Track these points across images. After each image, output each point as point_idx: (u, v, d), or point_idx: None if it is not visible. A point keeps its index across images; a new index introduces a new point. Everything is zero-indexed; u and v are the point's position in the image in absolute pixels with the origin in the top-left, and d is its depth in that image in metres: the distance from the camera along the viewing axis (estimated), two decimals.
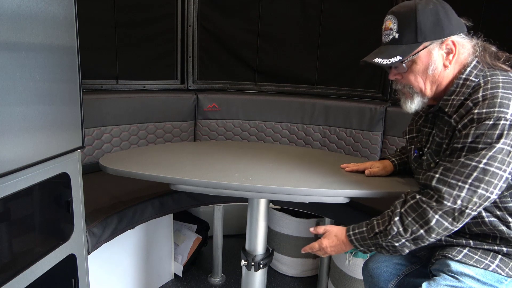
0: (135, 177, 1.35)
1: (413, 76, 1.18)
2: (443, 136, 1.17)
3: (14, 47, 0.99)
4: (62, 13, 1.15)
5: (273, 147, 2.07)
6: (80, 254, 1.35)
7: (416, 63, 1.16)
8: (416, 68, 1.17)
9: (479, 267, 1.14)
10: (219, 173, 1.39)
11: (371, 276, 1.40)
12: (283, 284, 2.46)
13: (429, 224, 1.08)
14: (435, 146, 1.20)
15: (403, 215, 1.12)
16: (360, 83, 2.46)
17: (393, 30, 1.16)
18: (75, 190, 1.29)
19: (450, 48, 1.14)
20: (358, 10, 2.37)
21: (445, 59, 1.15)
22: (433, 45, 1.13)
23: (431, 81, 1.18)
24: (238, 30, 2.58)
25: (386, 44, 1.19)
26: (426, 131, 1.29)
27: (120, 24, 2.32)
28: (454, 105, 1.13)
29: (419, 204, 1.10)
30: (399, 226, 1.12)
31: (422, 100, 1.21)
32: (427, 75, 1.17)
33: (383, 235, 1.14)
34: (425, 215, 1.08)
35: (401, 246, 1.14)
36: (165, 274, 2.40)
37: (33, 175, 1.10)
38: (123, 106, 2.27)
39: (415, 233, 1.10)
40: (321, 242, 1.28)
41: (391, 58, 1.14)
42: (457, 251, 1.18)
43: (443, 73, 1.17)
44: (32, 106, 1.07)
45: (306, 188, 1.27)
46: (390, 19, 1.17)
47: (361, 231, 1.20)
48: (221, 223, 2.37)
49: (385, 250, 1.18)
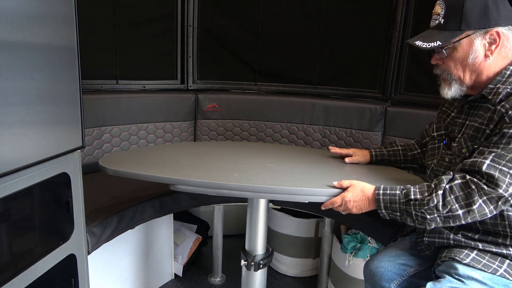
0: (135, 178, 1.35)
1: (453, 63, 1.19)
2: (484, 122, 1.14)
3: (14, 47, 0.99)
4: (62, 13, 1.15)
5: (273, 147, 2.07)
6: (80, 254, 1.35)
7: (456, 50, 1.16)
8: (456, 56, 1.17)
9: (487, 271, 1.14)
10: (219, 173, 1.39)
11: (373, 274, 1.38)
12: (283, 284, 2.46)
13: (471, 206, 1.06)
14: (472, 131, 1.17)
15: (447, 191, 1.09)
16: (360, 83, 2.46)
17: (440, 16, 1.16)
18: (75, 190, 1.29)
19: (494, 39, 1.13)
20: (358, 10, 2.37)
21: (487, 49, 1.14)
22: (476, 34, 1.13)
23: (471, 69, 1.18)
24: (238, 30, 2.58)
25: (431, 29, 1.20)
26: (460, 122, 1.27)
27: (120, 24, 2.32)
28: (500, 93, 1.13)
29: (468, 184, 1.08)
30: (440, 200, 1.09)
31: (460, 88, 1.22)
32: (467, 63, 1.17)
33: (418, 203, 1.12)
34: (471, 196, 1.06)
35: (431, 220, 1.11)
36: (165, 274, 2.40)
37: (33, 175, 1.10)
38: (123, 106, 2.27)
39: (452, 212, 1.08)
40: (344, 195, 1.22)
41: (431, 42, 1.15)
42: (465, 254, 1.17)
43: (484, 63, 1.16)
44: (32, 106, 1.07)
45: (306, 188, 1.27)
46: (439, 4, 1.18)
47: (393, 193, 1.17)
48: (221, 223, 2.37)
49: (411, 219, 1.15)
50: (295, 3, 2.48)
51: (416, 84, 2.27)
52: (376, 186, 1.22)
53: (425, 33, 1.22)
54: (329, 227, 2.23)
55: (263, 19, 2.54)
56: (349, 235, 2.11)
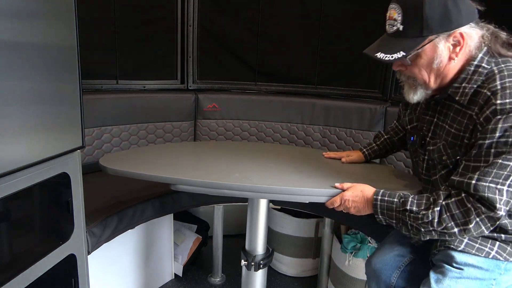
0: (135, 177, 1.35)
1: (417, 69, 1.14)
2: (462, 128, 1.10)
3: (14, 47, 0.99)
4: (62, 13, 1.15)
5: (273, 147, 2.07)
6: (80, 254, 1.35)
7: (420, 56, 1.11)
8: (420, 62, 1.12)
9: (481, 255, 1.15)
10: (219, 173, 1.39)
11: (374, 271, 1.38)
12: (283, 284, 2.46)
13: (468, 225, 1.04)
14: (451, 137, 1.13)
15: (444, 208, 1.06)
16: (360, 83, 2.46)
17: (397, 21, 1.09)
18: (75, 190, 1.28)
19: (457, 40, 1.08)
20: (358, 10, 2.37)
21: (452, 51, 1.09)
22: (439, 38, 1.07)
23: (436, 74, 1.13)
24: (238, 30, 2.58)
25: (389, 35, 1.14)
26: (428, 119, 1.24)
27: (120, 24, 2.32)
28: (467, 93, 1.09)
29: (464, 202, 1.04)
30: (435, 217, 1.07)
31: (426, 92, 1.17)
32: (432, 68, 1.12)
33: (413, 216, 1.10)
34: (467, 215, 1.04)
35: (426, 233, 1.10)
36: (165, 274, 2.40)
37: (33, 175, 1.10)
38: (123, 106, 2.27)
39: (447, 229, 1.06)
40: (344, 194, 1.22)
41: (394, 53, 1.09)
42: (459, 240, 1.17)
43: (449, 65, 1.12)
44: (32, 106, 1.07)
45: (306, 188, 1.27)
46: (395, 9, 1.09)
47: (391, 200, 1.15)
48: (221, 223, 2.37)
49: (405, 229, 1.14)
50: (295, 3, 2.48)
51: None
52: (376, 189, 1.20)
53: (383, 41, 1.15)
54: (329, 227, 2.23)
55: (263, 19, 2.54)
56: (349, 235, 2.11)
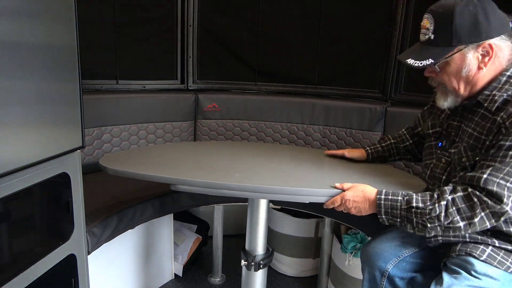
0: (135, 178, 1.35)
1: (447, 76, 1.19)
2: (483, 131, 1.15)
3: (14, 47, 0.99)
4: (62, 13, 1.15)
5: (273, 147, 2.07)
6: (80, 254, 1.35)
7: (449, 65, 1.16)
8: (449, 70, 1.17)
9: (501, 268, 1.16)
10: (219, 173, 1.39)
11: (370, 255, 1.40)
12: (283, 284, 2.46)
13: (473, 219, 1.07)
14: (473, 140, 1.17)
15: (449, 202, 1.10)
16: (360, 83, 2.46)
17: (429, 30, 1.14)
18: (75, 190, 1.29)
19: (486, 51, 1.13)
20: (358, 10, 2.37)
21: (481, 61, 1.14)
22: (468, 48, 1.12)
23: (465, 81, 1.18)
24: (238, 30, 2.58)
25: (421, 43, 1.19)
26: (456, 125, 1.28)
27: (120, 24, 2.32)
28: (496, 100, 1.13)
29: (471, 197, 1.08)
30: (442, 210, 1.10)
31: (456, 99, 1.22)
32: (461, 76, 1.17)
33: (420, 212, 1.12)
34: (473, 209, 1.07)
35: (432, 228, 1.12)
36: (165, 274, 2.40)
37: (33, 175, 1.10)
38: (123, 106, 2.27)
39: (453, 224, 1.09)
40: (344, 194, 1.22)
41: (423, 60, 1.15)
42: (481, 250, 1.18)
43: (478, 74, 1.16)
44: (32, 106, 1.07)
45: (306, 188, 1.27)
46: (428, 18, 1.15)
47: (395, 199, 1.17)
48: (221, 223, 2.37)
49: (411, 226, 1.16)
50: (295, 3, 2.48)
51: (416, 84, 2.27)
52: (378, 190, 1.21)
53: (415, 48, 1.21)
54: (329, 227, 2.23)
55: (263, 19, 2.54)
56: (349, 235, 2.11)
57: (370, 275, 1.41)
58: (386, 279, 1.36)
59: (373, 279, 1.40)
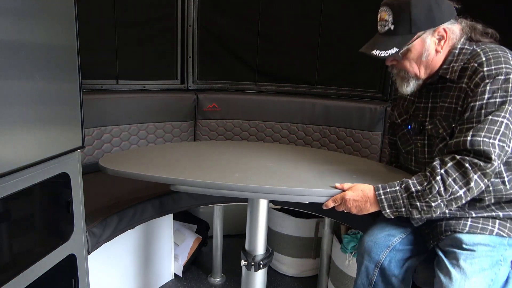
0: (135, 178, 1.35)
1: (408, 62, 1.28)
2: (454, 100, 1.23)
3: (14, 47, 0.99)
4: (62, 13, 1.15)
5: (273, 147, 2.07)
6: (80, 254, 1.35)
7: (410, 51, 1.25)
8: (411, 56, 1.26)
9: (486, 233, 1.24)
10: (219, 174, 1.39)
11: (365, 248, 1.44)
12: (283, 284, 2.46)
13: (470, 184, 1.12)
14: (445, 111, 1.26)
15: (444, 175, 1.14)
16: (360, 83, 2.45)
17: (388, 22, 1.23)
18: (75, 190, 1.29)
19: (441, 35, 1.24)
20: (357, 10, 2.37)
21: (437, 45, 1.25)
22: (426, 34, 1.23)
23: (425, 65, 1.28)
24: (238, 30, 2.58)
25: (382, 35, 1.27)
26: (423, 106, 1.36)
27: (120, 24, 2.32)
28: (455, 70, 1.23)
29: (461, 163, 1.13)
30: (440, 186, 1.14)
31: (417, 82, 1.31)
32: (421, 61, 1.27)
33: (420, 194, 1.16)
34: (467, 175, 1.12)
35: (436, 206, 1.16)
36: (165, 274, 2.40)
37: (33, 175, 1.10)
38: (123, 106, 2.27)
39: (454, 194, 1.14)
40: (345, 193, 1.23)
41: (388, 50, 1.22)
42: (463, 224, 1.26)
43: (436, 58, 1.27)
44: (32, 106, 1.07)
45: (306, 188, 1.27)
46: (385, 11, 1.25)
47: (394, 190, 1.20)
48: (221, 223, 2.37)
49: (417, 211, 1.19)
50: (295, 3, 2.48)
51: None
52: (374, 186, 1.23)
53: (376, 39, 1.27)
54: (329, 227, 2.23)
55: (263, 19, 2.54)
56: (349, 235, 2.11)
57: (365, 267, 1.44)
58: (378, 270, 1.40)
59: (366, 271, 1.44)
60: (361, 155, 2.30)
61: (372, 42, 1.28)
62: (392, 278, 1.40)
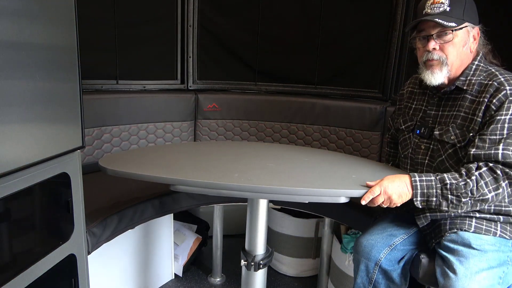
0: (135, 178, 1.35)
1: (452, 47, 1.30)
2: (470, 111, 1.31)
3: (14, 47, 0.99)
4: (62, 13, 1.15)
5: (273, 147, 2.07)
6: (80, 254, 1.35)
7: (457, 36, 1.29)
8: (457, 41, 1.30)
9: (490, 235, 1.30)
10: (218, 174, 1.39)
11: (364, 246, 1.46)
12: (283, 284, 2.46)
13: (498, 190, 1.21)
14: (460, 120, 1.33)
15: (478, 177, 1.22)
16: (360, 83, 2.46)
17: (445, 4, 1.27)
18: (75, 190, 1.29)
19: (474, 35, 1.33)
20: (358, 10, 2.37)
21: (471, 42, 1.33)
22: (469, 27, 1.30)
23: (460, 58, 1.32)
24: (238, 30, 2.58)
25: (436, 14, 1.28)
26: (434, 114, 1.43)
27: (120, 24, 2.32)
28: (473, 83, 1.31)
29: (494, 170, 1.22)
30: (474, 184, 1.21)
31: (446, 75, 1.33)
32: (461, 52, 1.32)
33: (454, 187, 1.22)
34: (497, 181, 1.21)
35: (465, 203, 1.23)
36: (165, 274, 2.40)
37: (33, 175, 1.10)
38: (123, 106, 2.27)
39: (483, 196, 1.21)
40: (382, 182, 1.25)
41: (448, 22, 1.25)
42: (468, 224, 1.32)
43: (468, 54, 1.34)
44: (32, 106, 1.07)
45: (306, 188, 1.26)
46: None
47: (429, 179, 1.25)
48: (221, 223, 2.37)
49: (446, 204, 1.24)
50: (295, 3, 2.48)
51: None
52: (410, 174, 1.29)
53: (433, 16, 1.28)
54: (329, 227, 2.23)
55: (263, 19, 2.54)
56: (349, 235, 2.11)
57: (364, 266, 1.46)
58: (378, 268, 1.43)
59: (367, 270, 1.46)
60: (361, 155, 2.30)
61: (429, 17, 1.29)
62: (393, 274, 1.43)
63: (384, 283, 1.45)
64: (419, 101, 1.51)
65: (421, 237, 1.47)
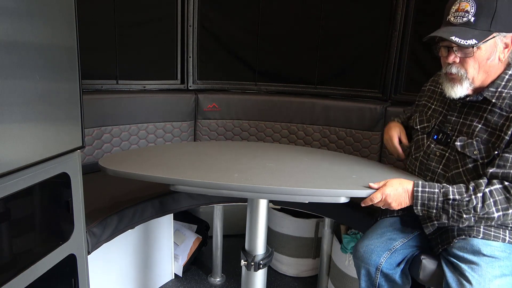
0: (135, 178, 1.35)
1: (473, 62, 1.20)
2: (498, 127, 1.20)
3: (14, 47, 0.99)
4: (62, 13, 1.15)
5: (273, 147, 2.07)
6: (80, 254, 1.35)
7: (481, 50, 1.18)
8: (480, 55, 1.18)
9: (499, 241, 1.25)
10: (218, 174, 1.39)
11: (364, 252, 1.43)
12: (283, 284, 2.46)
13: (508, 211, 1.14)
14: (487, 135, 1.22)
15: (487, 194, 1.15)
16: (360, 83, 2.46)
17: (470, 14, 1.15)
18: (75, 190, 1.29)
19: (507, 43, 1.18)
20: (358, 10, 2.37)
21: (501, 52, 1.19)
22: (499, 36, 1.16)
23: (485, 70, 1.21)
24: (238, 30, 2.58)
25: (459, 25, 1.18)
26: (454, 120, 1.33)
27: (120, 24, 2.32)
28: (504, 97, 1.20)
29: (508, 189, 1.14)
30: (479, 202, 1.15)
31: (469, 88, 1.24)
32: (484, 64, 1.20)
33: (456, 203, 1.17)
34: (509, 201, 1.14)
35: (466, 219, 1.18)
36: (165, 274, 2.40)
37: (33, 175, 1.10)
38: (123, 106, 2.27)
39: (489, 214, 1.15)
40: (384, 189, 1.23)
41: (467, 40, 1.14)
42: (476, 230, 1.27)
43: (496, 66, 1.21)
44: (32, 106, 1.07)
45: (306, 188, 1.26)
46: (468, 2, 1.16)
47: (432, 191, 1.21)
48: (221, 223, 2.37)
49: (446, 217, 1.21)
50: (295, 3, 2.48)
51: (416, 84, 2.26)
52: (414, 182, 1.25)
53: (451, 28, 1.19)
54: (329, 227, 2.23)
55: (263, 19, 2.54)
56: (349, 235, 2.11)
57: (365, 270, 1.45)
58: (380, 273, 1.41)
59: (368, 274, 1.44)
60: (361, 155, 2.30)
61: (446, 30, 1.19)
62: (395, 277, 1.42)
63: (387, 285, 1.43)
64: (440, 102, 1.41)
65: (421, 240, 1.45)
